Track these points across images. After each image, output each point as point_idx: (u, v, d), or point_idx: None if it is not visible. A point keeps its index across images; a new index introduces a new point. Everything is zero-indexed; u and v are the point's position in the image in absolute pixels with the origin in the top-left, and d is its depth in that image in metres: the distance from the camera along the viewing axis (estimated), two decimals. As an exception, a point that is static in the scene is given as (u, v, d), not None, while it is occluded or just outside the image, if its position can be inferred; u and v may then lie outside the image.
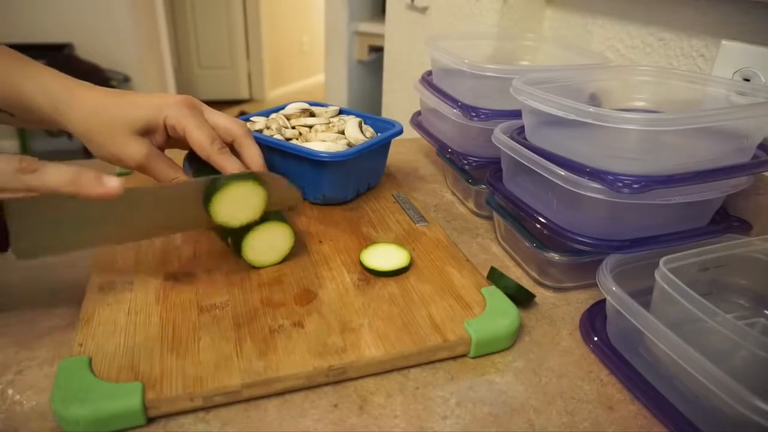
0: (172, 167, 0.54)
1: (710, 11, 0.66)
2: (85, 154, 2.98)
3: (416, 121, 0.83)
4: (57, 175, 0.39)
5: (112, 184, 0.41)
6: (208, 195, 0.48)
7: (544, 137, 0.54)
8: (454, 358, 0.45)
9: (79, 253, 0.54)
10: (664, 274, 0.40)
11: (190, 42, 4.18)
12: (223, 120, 0.56)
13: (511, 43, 0.90)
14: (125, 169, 0.55)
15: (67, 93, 0.51)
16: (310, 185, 0.64)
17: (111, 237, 0.46)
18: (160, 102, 0.53)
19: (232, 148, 0.56)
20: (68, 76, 0.53)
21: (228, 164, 0.53)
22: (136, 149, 0.52)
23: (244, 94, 4.43)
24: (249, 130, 0.57)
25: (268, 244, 0.52)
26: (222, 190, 0.48)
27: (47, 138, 3.13)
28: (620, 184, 0.45)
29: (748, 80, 0.60)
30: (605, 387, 0.43)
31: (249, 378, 0.39)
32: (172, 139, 0.56)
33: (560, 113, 0.49)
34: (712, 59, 0.67)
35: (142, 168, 0.53)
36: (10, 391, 0.39)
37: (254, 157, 0.56)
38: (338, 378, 0.42)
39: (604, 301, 0.49)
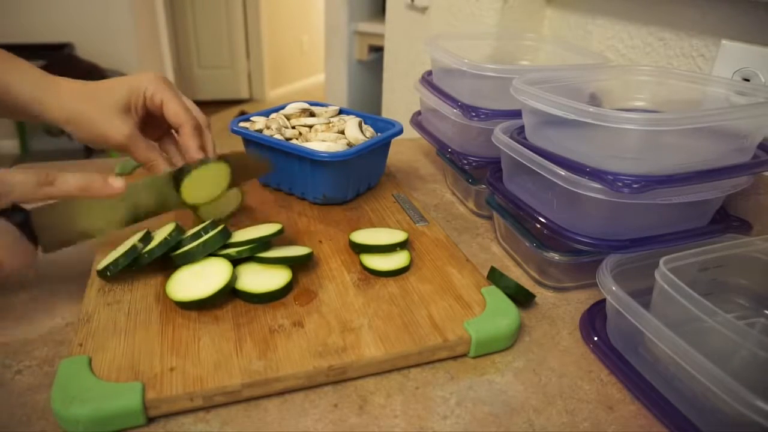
0: (152, 149, 0.57)
1: (710, 11, 0.66)
2: (86, 152, 2.99)
3: (416, 121, 0.83)
4: (71, 183, 0.44)
5: (118, 184, 0.46)
6: (177, 182, 0.54)
7: (544, 137, 0.54)
8: (454, 357, 0.45)
9: (79, 253, 0.55)
10: (664, 273, 0.40)
11: (190, 42, 4.18)
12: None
13: (511, 43, 0.90)
14: (110, 148, 0.58)
15: (49, 83, 0.54)
16: (310, 185, 0.65)
17: (114, 224, 0.52)
18: (138, 77, 0.57)
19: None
20: (48, 73, 0.55)
21: (190, 140, 0.57)
22: (122, 128, 0.54)
23: (244, 94, 4.43)
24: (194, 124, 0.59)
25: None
26: (188, 176, 0.54)
27: (47, 138, 3.14)
28: (620, 184, 0.45)
29: (748, 80, 0.60)
30: (605, 387, 0.43)
31: (249, 378, 0.39)
32: (148, 116, 0.58)
33: (560, 113, 0.49)
34: (712, 59, 0.67)
35: (125, 147, 0.55)
36: (10, 391, 0.40)
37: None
38: (338, 378, 0.42)
39: (604, 301, 0.49)
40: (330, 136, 0.67)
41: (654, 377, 0.42)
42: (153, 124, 0.60)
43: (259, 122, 0.70)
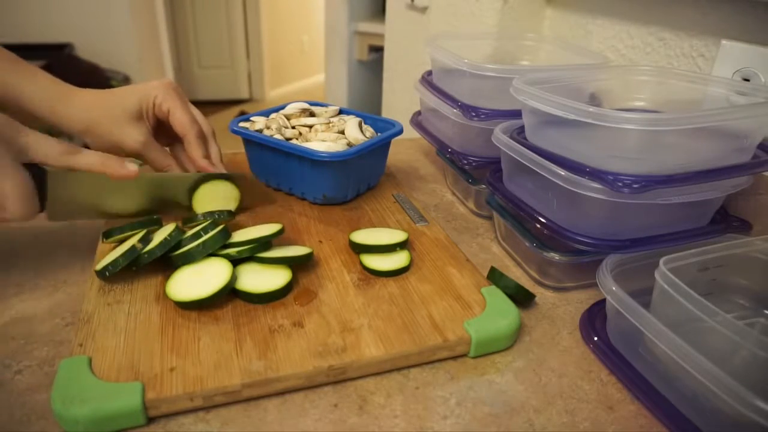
0: (166, 155, 0.59)
1: (710, 11, 0.67)
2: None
3: (416, 121, 0.83)
4: (91, 158, 0.48)
5: (132, 167, 0.49)
6: (191, 191, 0.58)
7: (544, 137, 0.54)
8: (454, 357, 0.45)
9: (80, 253, 0.55)
10: (664, 273, 0.40)
11: (190, 42, 4.17)
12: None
13: (511, 43, 0.90)
14: (127, 155, 0.58)
15: (64, 92, 0.55)
16: (310, 185, 0.64)
17: (121, 211, 0.55)
18: (148, 85, 0.58)
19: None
20: (61, 80, 0.56)
21: (195, 149, 0.59)
22: (136, 135, 0.56)
23: (244, 94, 4.43)
24: (197, 133, 0.61)
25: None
26: (201, 186, 0.58)
27: (47, 138, 3.14)
28: (620, 184, 0.45)
29: (748, 80, 0.60)
30: (605, 387, 0.43)
31: (249, 378, 0.39)
32: (159, 124, 0.60)
33: (560, 113, 0.48)
34: (712, 59, 0.67)
35: (139, 153, 0.57)
36: (10, 391, 0.39)
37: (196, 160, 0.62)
38: (338, 378, 0.42)
39: (604, 301, 0.49)
40: (330, 136, 0.67)
41: (654, 377, 0.42)
42: (164, 131, 0.60)
43: (259, 122, 0.70)
